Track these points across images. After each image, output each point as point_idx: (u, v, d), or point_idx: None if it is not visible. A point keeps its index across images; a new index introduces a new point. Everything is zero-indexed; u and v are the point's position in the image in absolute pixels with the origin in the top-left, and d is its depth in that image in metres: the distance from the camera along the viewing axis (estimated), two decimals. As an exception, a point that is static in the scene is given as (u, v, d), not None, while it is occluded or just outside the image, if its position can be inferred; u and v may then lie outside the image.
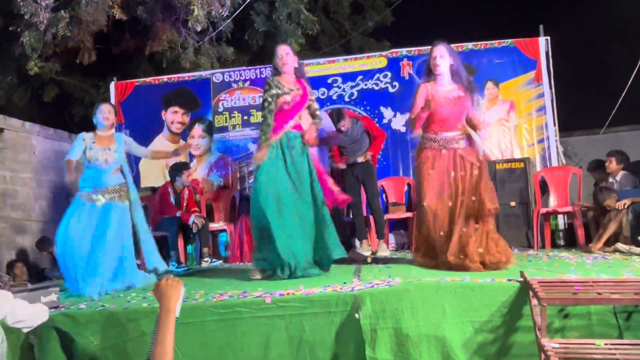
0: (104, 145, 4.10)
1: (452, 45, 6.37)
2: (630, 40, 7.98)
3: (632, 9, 7.62)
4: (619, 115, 7.88)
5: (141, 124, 7.05)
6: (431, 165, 3.78)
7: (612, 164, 5.32)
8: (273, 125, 3.86)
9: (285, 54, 3.95)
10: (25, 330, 2.72)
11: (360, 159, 5.28)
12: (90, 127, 4.34)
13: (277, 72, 4.00)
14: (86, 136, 4.14)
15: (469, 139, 3.84)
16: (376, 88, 6.59)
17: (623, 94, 7.28)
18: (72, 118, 9.11)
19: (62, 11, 6.20)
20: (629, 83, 7.02)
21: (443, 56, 3.82)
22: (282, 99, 3.88)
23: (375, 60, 6.67)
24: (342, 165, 5.33)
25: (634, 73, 6.85)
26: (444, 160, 3.77)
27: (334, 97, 6.60)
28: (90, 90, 8.95)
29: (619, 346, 2.24)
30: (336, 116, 5.35)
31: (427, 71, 3.94)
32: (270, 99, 3.87)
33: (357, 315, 2.66)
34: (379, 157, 6.24)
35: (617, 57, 8.30)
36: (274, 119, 3.87)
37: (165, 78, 7.22)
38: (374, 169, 5.45)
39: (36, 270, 6.43)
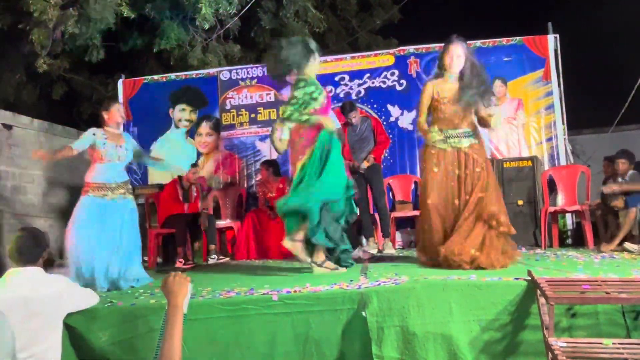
0: (116, 143, 4.09)
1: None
2: (639, 38, 7.92)
3: (642, 7, 7.55)
4: (628, 113, 7.83)
5: (149, 121, 7.08)
6: (436, 163, 3.75)
7: (625, 166, 5.29)
8: None
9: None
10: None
11: (364, 164, 5.24)
12: (98, 124, 4.31)
13: None
14: (97, 132, 4.09)
15: (476, 137, 3.82)
16: (383, 86, 6.57)
17: (632, 93, 7.23)
18: (81, 115, 9.15)
19: (71, 9, 6.25)
20: (638, 82, 6.97)
21: (460, 56, 3.77)
22: None
23: (383, 58, 6.66)
24: (360, 165, 5.26)
25: (644, 71, 6.80)
26: (448, 159, 3.75)
27: (341, 95, 6.59)
28: (98, 88, 8.99)
29: (628, 345, 2.22)
30: (348, 107, 5.33)
31: (439, 66, 3.89)
32: None
33: (363, 313, 2.66)
34: (386, 154, 6.23)
35: (626, 55, 8.25)
36: None
37: (172, 75, 7.25)
38: (380, 168, 5.44)
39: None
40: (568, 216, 6.00)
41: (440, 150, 3.78)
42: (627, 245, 4.45)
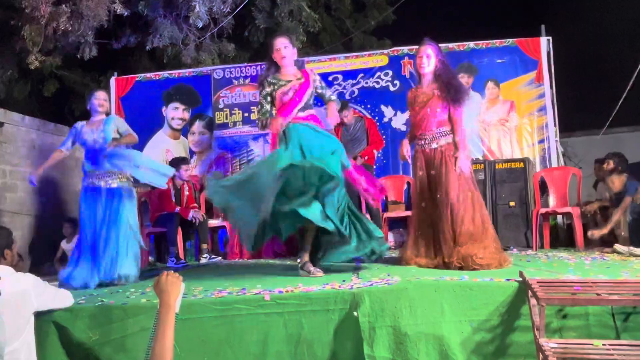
0: (92, 128, 4.16)
1: (454, 44, 6.46)
2: (631, 41, 7.99)
3: (634, 11, 7.62)
4: (619, 116, 7.89)
5: (141, 119, 7.04)
6: (420, 165, 3.83)
7: (609, 166, 5.34)
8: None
9: (283, 47, 3.75)
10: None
11: (351, 163, 5.22)
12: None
13: (275, 67, 3.81)
14: (79, 124, 4.24)
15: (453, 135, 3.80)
16: (377, 86, 6.58)
17: (624, 95, 7.29)
18: (73, 113, 9.10)
19: (63, 5, 6.20)
20: (630, 84, 7.02)
21: (430, 55, 3.80)
22: (280, 91, 3.74)
23: (377, 58, 6.67)
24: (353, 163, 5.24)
25: (635, 74, 6.86)
26: (429, 159, 3.80)
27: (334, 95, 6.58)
28: (90, 85, 8.92)
29: (617, 347, 2.24)
30: (341, 106, 5.32)
31: (416, 71, 3.99)
32: (263, 100, 3.76)
33: (355, 314, 2.66)
34: (380, 155, 6.23)
35: (618, 58, 8.31)
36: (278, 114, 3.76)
37: (166, 74, 7.21)
38: (371, 168, 5.44)
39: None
40: (559, 218, 6.03)
41: (421, 153, 3.86)
42: (617, 247, 4.48)
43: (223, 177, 3.85)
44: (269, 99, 3.78)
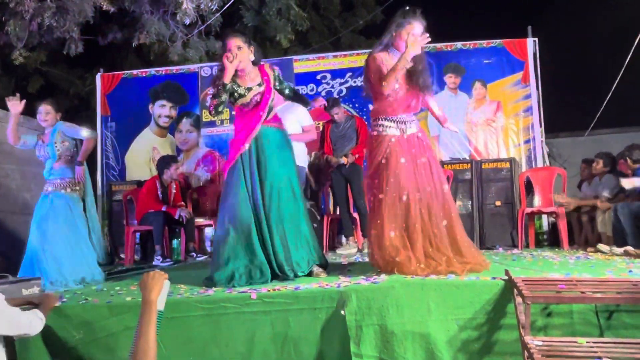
0: (43, 141, 4.31)
1: (442, 44, 6.50)
2: (615, 44, 8.10)
3: (619, 14, 7.72)
4: (603, 117, 8.00)
5: (128, 117, 6.99)
6: (401, 152, 3.24)
7: (599, 166, 5.40)
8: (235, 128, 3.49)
9: (236, 48, 3.29)
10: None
11: (343, 160, 5.24)
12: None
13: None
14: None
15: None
16: (365, 85, 6.58)
17: (608, 97, 7.39)
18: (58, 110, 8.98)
19: (48, 0, 6.12)
20: (614, 86, 7.12)
21: (422, 42, 3.36)
22: (240, 102, 3.42)
23: (365, 57, 6.66)
24: (338, 160, 5.26)
25: (619, 76, 6.96)
26: (410, 146, 3.28)
27: (323, 94, 6.59)
28: (76, 82, 8.84)
29: (601, 344, 2.27)
30: (332, 103, 5.33)
31: (389, 43, 3.45)
32: (221, 90, 3.33)
33: (342, 312, 2.66)
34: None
35: (603, 60, 8.42)
36: (235, 123, 3.51)
37: (152, 71, 7.15)
38: (360, 168, 5.44)
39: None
40: (544, 217, 6.09)
41: (399, 137, 3.30)
42: (600, 246, 4.55)
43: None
44: (226, 92, 3.40)
